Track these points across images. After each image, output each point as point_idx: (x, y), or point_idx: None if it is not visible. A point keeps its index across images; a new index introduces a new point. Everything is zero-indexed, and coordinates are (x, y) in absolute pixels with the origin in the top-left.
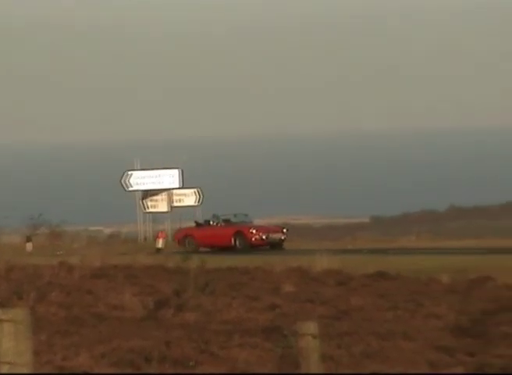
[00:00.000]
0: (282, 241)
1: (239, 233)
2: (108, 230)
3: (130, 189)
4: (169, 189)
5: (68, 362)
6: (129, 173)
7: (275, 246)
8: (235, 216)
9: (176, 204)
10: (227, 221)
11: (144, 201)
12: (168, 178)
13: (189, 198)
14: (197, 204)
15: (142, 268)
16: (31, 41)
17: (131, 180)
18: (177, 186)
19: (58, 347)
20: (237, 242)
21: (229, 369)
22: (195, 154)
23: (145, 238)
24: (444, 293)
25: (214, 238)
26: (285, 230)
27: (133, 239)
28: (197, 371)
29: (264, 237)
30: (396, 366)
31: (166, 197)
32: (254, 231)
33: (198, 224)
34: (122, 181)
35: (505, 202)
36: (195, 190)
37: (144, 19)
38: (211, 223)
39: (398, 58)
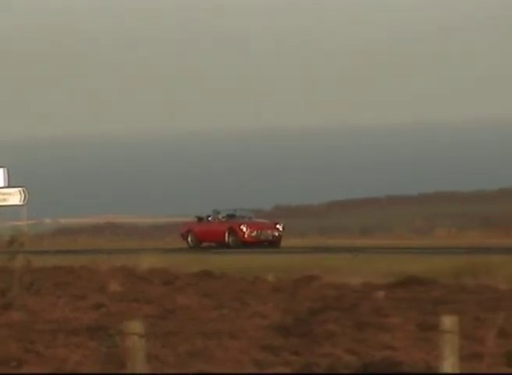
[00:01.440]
0: (278, 237)
1: (231, 230)
2: None
3: None
4: None
5: None
6: None
7: (271, 244)
8: (235, 211)
9: (0, 203)
10: (232, 216)
11: None
12: None
13: (13, 197)
14: (21, 203)
15: None
16: None
17: None
18: (2, 185)
19: None
20: (230, 239)
21: (54, 368)
22: (23, 154)
23: None
24: (270, 292)
25: (210, 234)
26: (279, 227)
27: None
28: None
29: (254, 234)
30: (222, 365)
31: None
32: (244, 228)
33: (199, 219)
34: None
35: (329, 201)
36: (20, 189)
37: None
38: (210, 218)
39: None
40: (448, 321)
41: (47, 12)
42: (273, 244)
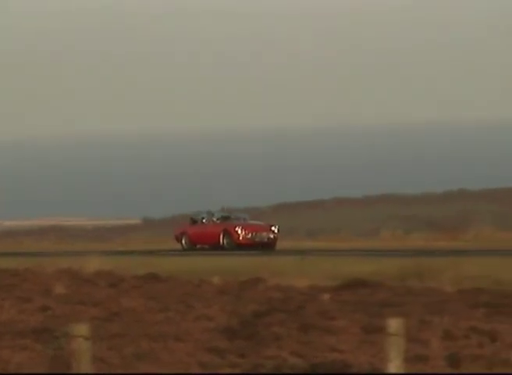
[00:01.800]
0: (273, 240)
1: (226, 232)
2: None
3: None
4: None
5: None
6: None
7: (266, 246)
8: (228, 212)
9: None
10: (226, 218)
11: None
12: None
13: None
14: None
15: None
16: None
17: None
18: None
19: None
20: (225, 241)
21: (0, 370)
22: None
23: None
24: (216, 295)
25: (204, 237)
26: (274, 229)
27: None
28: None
29: (249, 236)
30: (168, 367)
31: None
32: (239, 230)
33: (193, 221)
34: None
35: (276, 203)
36: None
37: None
38: (204, 220)
39: None
40: (393, 324)
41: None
42: (268, 246)
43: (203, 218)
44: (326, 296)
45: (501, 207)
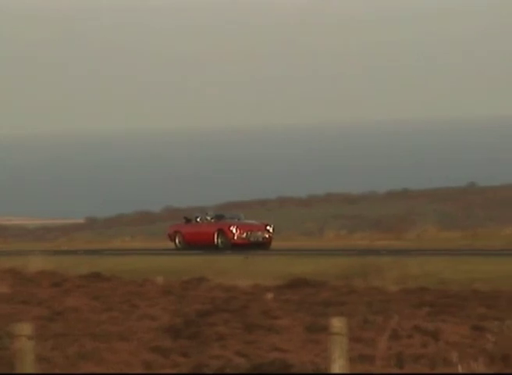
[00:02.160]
0: (268, 239)
1: (220, 232)
2: None
3: None
4: None
5: None
6: None
7: (261, 246)
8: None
9: None
10: (220, 217)
11: None
12: None
13: None
14: None
15: None
16: None
17: None
18: None
19: None
20: (219, 241)
21: None
22: None
23: None
24: (159, 294)
25: (198, 236)
26: (269, 228)
27: None
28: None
29: (244, 235)
30: (112, 366)
31: None
32: (234, 229)
33: (187, 220)
34: None
35: (221, 203)
36: None
37: None
38: (198, 219)
39: None
40: (337, 323)
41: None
42: (263, 245)
43: (197, 217)
44: (270, 295)
45: (445, 207)
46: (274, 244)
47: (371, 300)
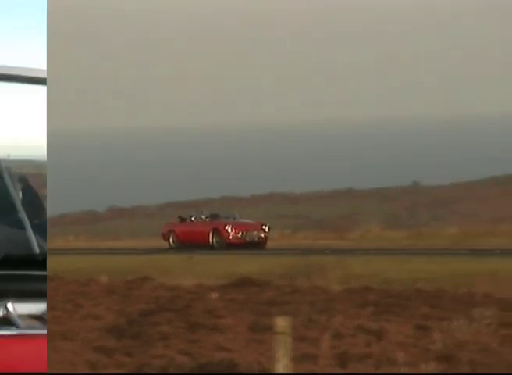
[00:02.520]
0: (264, 239)
1: (215, 231)
2: None
3: None
4: None
5: None
6: None
7: (257, 245)
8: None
9: None
10: (215, 216)
11: None
12: None
13: None
14: None
15: None
16: None
17: None
18: None
19: None
20: (214, 241)
21: None
22: None
23: None
24: (103, 294)
25: (193, 236)
26: (265, 228)
27: None
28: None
29: (239, 235)
30: (55, 367)
31: None
32: (229, 229)
33: (181, 219)
34: None
35: (164, 202)
36: None
37: None
38: (193, 218)
39: None
40: (281, 322)
41: None
42: (259, 245)
43: (191, 216)
44: (214, 295)
45: (389, 206)
46: None
47: (315, 299)
